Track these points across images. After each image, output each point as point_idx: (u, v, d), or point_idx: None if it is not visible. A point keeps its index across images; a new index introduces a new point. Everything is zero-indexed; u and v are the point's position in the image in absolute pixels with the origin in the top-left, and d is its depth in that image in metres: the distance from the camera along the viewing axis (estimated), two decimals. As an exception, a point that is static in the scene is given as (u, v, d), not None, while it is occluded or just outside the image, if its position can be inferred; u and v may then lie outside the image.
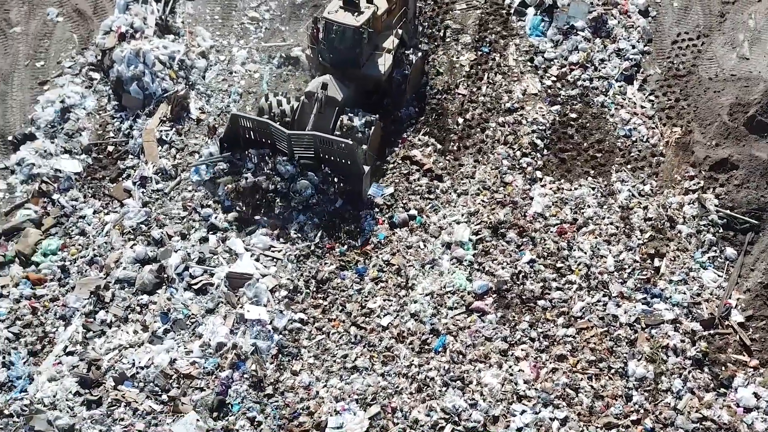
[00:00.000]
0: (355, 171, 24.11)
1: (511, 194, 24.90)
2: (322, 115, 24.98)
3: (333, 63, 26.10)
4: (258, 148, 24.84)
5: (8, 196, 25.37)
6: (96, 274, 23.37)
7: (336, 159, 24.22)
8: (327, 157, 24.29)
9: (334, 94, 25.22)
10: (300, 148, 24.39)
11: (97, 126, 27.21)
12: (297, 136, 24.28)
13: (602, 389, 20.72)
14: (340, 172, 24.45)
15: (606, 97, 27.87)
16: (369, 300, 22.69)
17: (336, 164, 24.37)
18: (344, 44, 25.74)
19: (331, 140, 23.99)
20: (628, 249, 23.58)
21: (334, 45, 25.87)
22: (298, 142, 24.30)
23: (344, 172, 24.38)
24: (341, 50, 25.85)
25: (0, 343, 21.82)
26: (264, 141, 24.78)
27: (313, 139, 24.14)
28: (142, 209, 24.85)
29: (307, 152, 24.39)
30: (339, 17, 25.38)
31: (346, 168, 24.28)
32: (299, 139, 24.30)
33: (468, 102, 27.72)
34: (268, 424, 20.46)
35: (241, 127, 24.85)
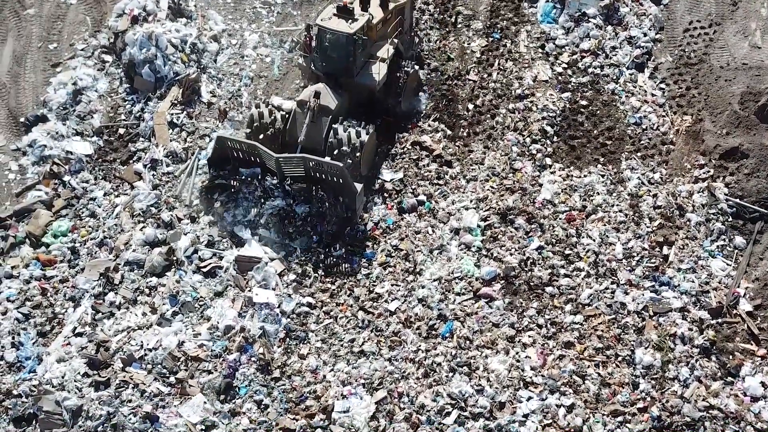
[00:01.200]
0: (348, 190, 23.05)
1: (520, 181, 24.49)
2: (315, 124, 23.88)
3: (326, 71, 24.95)
4: (248, 167, 23.85)
5: (19, 177, 25.15)
6: (106, 255, 23.11)
7: (327, 178, 23.09)
8: (318, 176, 23.18)
9: (328, 102, 24.12)
10: (289, 168, 23.31)
11: (108, 108, 26.93)
12: (285, 159, 23.14)
13: (609, 377, 20.34)
14: (332, 190, 23.35)
15: (617, 85, 27.38)
16: (377, 285, 22.35)
17: (327, 183, 23.26)
18: (337, 52, 24.58)
19: (321, 162, 22.84)
20: (637, 237, 23.14)
21: (327, 53, 24.75)
22: (287, 163, 23.24)
23: (336, 191, 23.32)
24: (334, 58, 24.72)
25: (9, 324, 21.60)
26: (253, 160, 23.76)
27: (302, 161, 22.97)
28: (153, 192, 24.58)
29: (297, 171, 23.28)
30: (332, 24, 24.20)
31: (338, 187, 23.19)
32: (288, 160, 23.20)
33: (478, 88, 27.28)
34: (275, 407, 20.18)
35: (228, 149, 23.80)
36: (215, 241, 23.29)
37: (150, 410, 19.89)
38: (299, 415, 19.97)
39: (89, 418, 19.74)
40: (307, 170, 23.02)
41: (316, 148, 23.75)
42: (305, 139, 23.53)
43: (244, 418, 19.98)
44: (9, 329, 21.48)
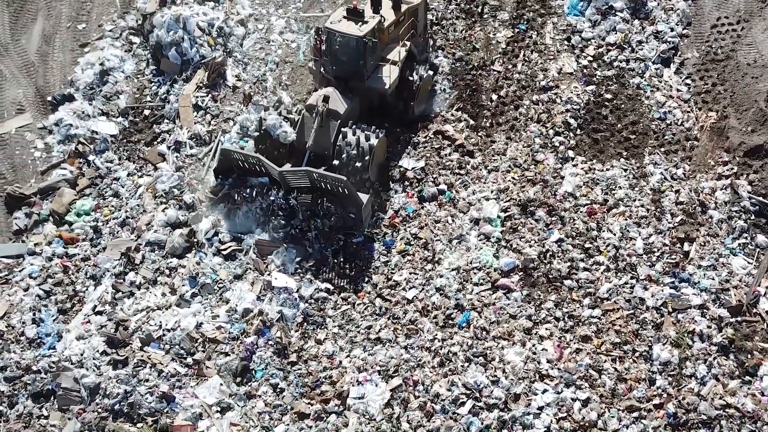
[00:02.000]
0: (353, 202, 22.25)
1: (542, 172, 24.06)
2: (323, 128, 23.17)
3: (336, 75, 24.16)
4: (254, 177, 23.13)
5: (45, 155, 25.10)
6: (127, 235, 23.01)
7: (333, 189, 22.25)
8: (323, 187, 22.35)
9: (336, 106, 23.37)
10: (294, 180, 22.45)
11: (134, 89, 26.80)
12: (290, 172, 22.35)
13: (626, 372, 19.93)
14: (339, 202, 22.51)
15: (642, 79, 26.83)
16: (395, 272, 22.07)
17: (333, 194, 22.44)
18: (347, 55, 23.79)
19: (326, 176, 21.95)
20: (658, 232, 22.66)
21: (337, 56, 23.96)
22: (292, 176, 22.41)
23: (342, 203, 22.49)
24: (344, 62, 23.92)
25: (31, 300, 21.56)
26: (258, 170, 22.99)
27: (306, 174, 22.09)
28: (176, 173, 24.46)
29: (302, 183, 22.46)
30: (342, 27, 23.43)
31: (343, 199, 22.36)
32: (293, 173, 22.39)
33: (503, 79, 26.83)
34: (291, 392, 19.99)
35: (233, 160, 23.10)
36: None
37: (166, 390, 19.79)
38: (314, 399, 19.77)
39: (106, 396, 19.66)
40: (312, 182, 22.26)
41: (324, 153, 23.19)
42: (313, 143, 22.88)
43: (260, 401, 19.81)
44: (30, 305, 21.46)
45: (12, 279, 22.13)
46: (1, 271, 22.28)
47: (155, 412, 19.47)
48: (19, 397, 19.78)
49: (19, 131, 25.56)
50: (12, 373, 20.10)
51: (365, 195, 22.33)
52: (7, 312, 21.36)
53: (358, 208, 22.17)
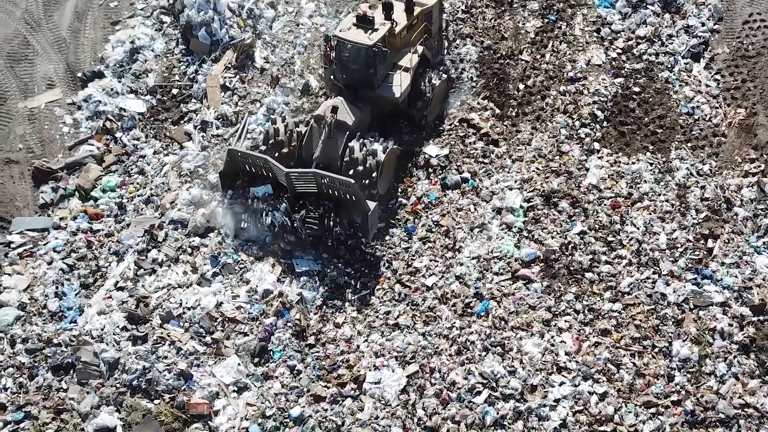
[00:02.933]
0: (360, 209, 21.30)
1: (566, 164, 23.49)
2: (331, 140, 22.11)
3: (346, 83, 23.20)
4: (260, 180, 22.21)
5: (73, 131, 24.92)
6: (151, 213, 22.77)
7: (339, 195, 21.36)
8: (330, 192, 21.46)
9: (345, 117, 22.32)
10: (301, 184, 21.57)
11: (163, 68, 26.53)
12: (297, 174, 21.46)
13: (644, 367, 19.38)
14: (344, 208, 21.63)
15: (671, 73, 26.17)
16: (415, 259, 21.64)
17: (340, 201, 21.50)
18: (357, 64, 22.76)
19: (333, 178, 21.08)
20: (682, 228, 22.05)
21: (347, 65, 22.98)
22: (299, 179, 21.55)
23: (349, 209, 21.58)
24: (354, 70, 22.93)
25: (54, 274, 21.36)
26: (265, 174, 22.12)
27: (313, 176, 21.26)
28: (201, 153, 24.18)
29: (309, 187, 21.56)
30: (351, 35, 22.36)
31: (350, 205, 21.39)
32: (300, 175, 21.49)
33: (530, 69, 26.26)
34: (308, 374, 19.65)
35: (239, 162, 22.23)
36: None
37: (185, 368, 19.51)
38: (331, 383, 19.42)
39: (125, 372, 19.39)
40: (319, 186, 21.36)
41: (332, 165, 22.01)
42: (320, 155, 21.83)
43: (276, 383, 19.50)
44: (53, 279, 21.25)
45: (36, 252, 21.92)
46: (27, 244, 22.07)
47: (172, 390, 19.18)
48: (39, 369, 19.57)
49: (49, 106, 25.38)
50: (33, 345, 19.90)
51: (372, 202, 21.29)
52: (31, 285, 21.18)
53: (364, 215, 21.17)
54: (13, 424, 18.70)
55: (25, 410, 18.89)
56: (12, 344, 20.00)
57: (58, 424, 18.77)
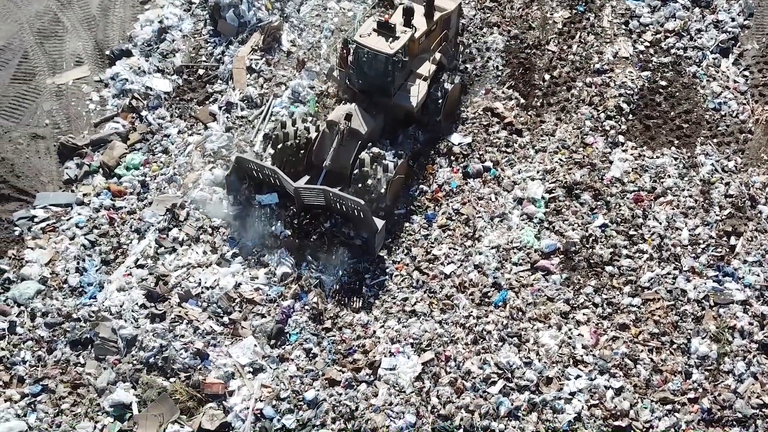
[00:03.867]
0: (368, 227, 20.57)
1: (590, 156, 22.87)
2: (343, 147, 21.22)
3: (362, 89, 22.34)
4: (267, 188, 21.50)
5: (99, 108, 24.65)
6: (174, 192, 22.46)
7: (348, 212, 20.64)
8: (338, 207, 20.74)
9: (358, 126, 21.40)
10: (309, 197, 20.87)
11: (190, 48, 26.16)
12: (305, 188, 20.70)
13: (662, 363, 18.85)
14: (352, 222, 20.96)
15: (699, 68, 25.39)
16: (435, 247, 21.17)
17: (347, 215, 20.84)
18: (375, 71, 21.88)
19: (342, 197, 20.27)
20: (705, 224, 21.41)
21: (364, 71, 22.06)
22: (307, 193, 20.80)
23: (356, 225, 20.91)
24: (372, 77, 22.05)
25: (76, 249, 21.13)
26: (272, 182, 21.29)
27: (322, 192, 20.48)
28: (225, 134, 23.80)
29: (316, 201, 20.88)
30: (371, 42, 21.41)
31: (358, 222, 20.71)
32: (308, 190, 20.76)
33: (557, 59, 25.59)
34: (323, 357, 19.31)
35: (247, 170, 21.40)
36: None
37: (201, 347, 19.24)
38: (346, 367, 19.07)
39: (142, 349, 19.16)
40: (327, 201, 20.67)
41: (342, 173, 21.32)
42: (331, 162, 20.99)
43: (292, 365, 19.16)
44: (75, 254, 21.04)
45: (59, 227, 21.70)
46: (50, 219, 21.84)
47: (188, 368, 18.92)
48: (58, 344, 19.39)
49: (77, 83, 25.11)
50: (53, 320, 19.71)
51: (380, 221, 20.51)
52: (52, 259, 20.96)
53: (372, 233, 20.50)
54: (31, 397, 18.57)
55: (42, 383, 18.79)
56: (32, 318, 19.83)
57: (74, 398, 18.65)
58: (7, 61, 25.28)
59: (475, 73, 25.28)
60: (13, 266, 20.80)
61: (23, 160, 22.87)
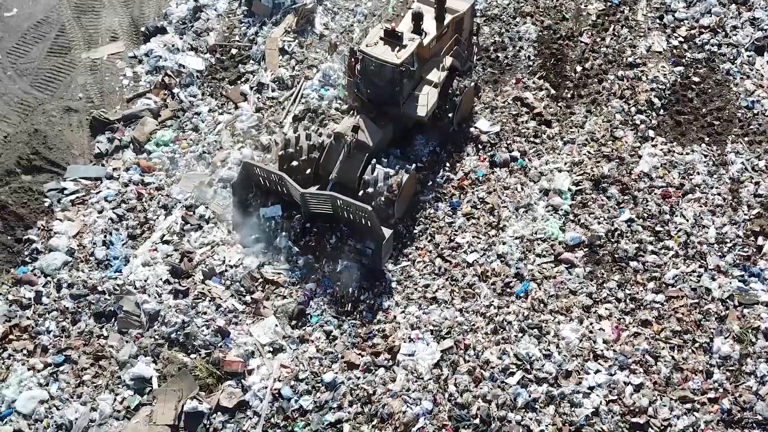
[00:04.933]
0: (375, 236, 19.68)
1: (619, 150, 22.19)
2: (350, 160, 20.31)
3: (370, 98, 21.23)
4: (270, 200, 20.83)
5: (133, 84, 24.39)
6: (202, 169, 22.14)
7: (355, 219, 19.82)
8: (345, 216, 19.93)
9: (365, 139, 20.43)
10: (315, 204, 20.08)
11: (224, 28, 25.78)
12: (312, 194, 19.89)
13: (683, 361, 18.25)
14: (359, 232, 20.21)
15: (733, 66, 24.51)
16: (458, 234, 20.64)
17: (354, 224, 20.11)
18: (383, 81, 20.67)
19: (350, 203, 19.43)
20: (733, 223, 20.68)
21: (372, 80, 20.90)
22: (314, 199, 20.03)
23: (363, 234, 20.11)
24: (379, 87, 20.88)
25: (104, 223, 20.89)
26: (279, 189, 20.51)
27: (329, 198, 19.67)
28: (255, 114, 23.42)
29: (323, 208, 20.10)
30: (378, 52, 20.26)
31: (365, 230, 19.86)
32: (315, 196, 19.95)
33: (589, 51, 24.85)
34: (343, 340, 18.97)
35: (254, 176, 20.62)
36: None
37: (222, 325, 18.95)
38: (365, 351, 18.70)
39: (165, 324, 18.94)
40: (334, 209, 19.83)
41: (349, 185, 20.37)
42: (338, 175, 20.12)
43: (312, 346, 18.83)
44: (102, 228, 20.80)
45: (88, 200, 21.46)
46: (79, 191, 21.62)
47: (209, 345, 18.65)
48: (82, 315, 19.19)
49: (111, 58, 24.88)
50: (78, 291, 19.51)
51: (388, 230, 19.67)
52: (80, 232, 20.75)
53: (379, 242, 19.60)
54: (53, 367, 18.39)
55: (65, 354, 18.59)
56: (58, 288, 19.64)
57: (96, 369, 18.42)
58: (44, 35, 25.13)
59: (507, 62, 24.61)
60: (42, 237, 20.64)
61: (56, 133, 22.66)
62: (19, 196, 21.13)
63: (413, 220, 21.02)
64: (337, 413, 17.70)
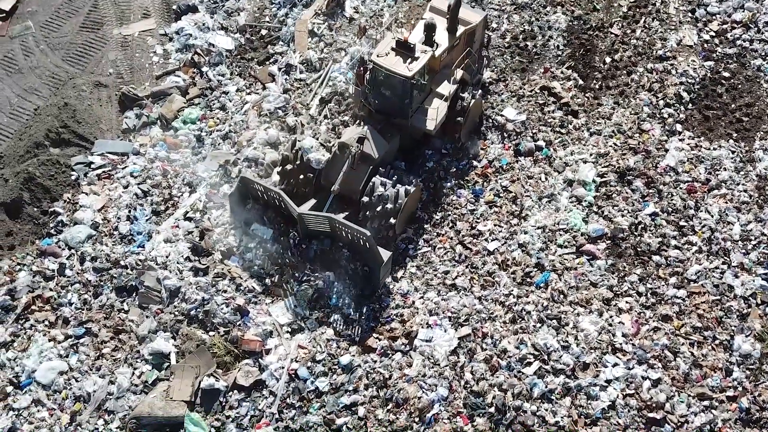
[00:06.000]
0: (373, 259, 18.67)
1: (645, 142, 21.54)
2: (354, 171, 19.38)
3: (378, 109, 20.18)
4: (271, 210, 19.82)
5: (162, 61, 24.05)
6: (228, 148, 21.78)
7: (353, 240, 18.90)
8: (344, 236, 19.00)
9: (371, 151, 19.49)
10: (313, 224, 19.13)
11: (255, 9, 25.37)
12: (310, 215, 18.90)
13: (702, 358, 17.69)
14: (357, 252, 19.16)
15: (764, 62, 23.68)
16: (480, 222, 20.14)
17: (353, 245, 19.11)
18: (393, 93, 19.71)
19: (348, 226, 18.50)
20: (758, 220, 20.00)
21: (381, 91, 19.90)
22: (312, 219, 19.05)
23: (362, 255, 19.09)
24: (388, 98, 19.89)
25: (129, 198, 20.62)
26: (277, 204, 19.56)
27: (328, 220, 18.79)
28: (282, 95, 22.99)
29: (321, 228, 19.17)
30: (389, 63, 19.21)
31: (363, 252, 18.90)
32: (313, 217, 18.94)
33: (619, 43, 24.11)
34: (361, 324, 18.56)
35: (252, 189, 19.67)
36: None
37: (242, 304, 18.68)
38: (383, 335, 18.32)
39: (184, 300, 18.68)
40: (332, 228, 19.00)
41: (352, 197, 19.55)
42: (341, 186, 19.18)
43: (330, 329, 18.48)
44: (127, 203, 20.54)
45: (114, 175, 21.21)
46: (106, 166, 21.37)
47: (228, 323, 18.36)
48: (104, 289, 18.96)
49: (142, 35, 24.55)
50: (101, 265, 19.29)
51: (386, 252, 18.57)
52: (105, 206, 20.51)
53: (377, 265, 18.61)
54: (74, 339, 18.20)
55: (86, 326, 18.39)
56: (81, 261, 19.41)
57: (115, 343, 18.19)
58: (77, 9, 24.85)
59: (535, 51, 23.96)
60: (68, 210, 20.42)
61: (85, 107, 22.41)
62: (47, 168, 20.89)
63: (435, 206, 20.54)
64: (353, 396, 17.37)
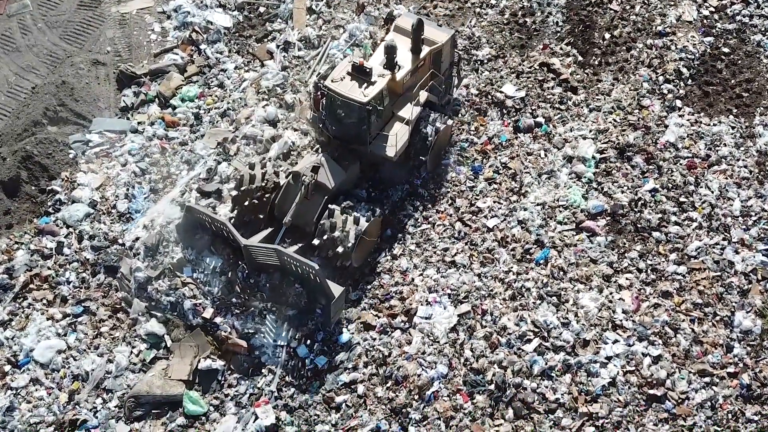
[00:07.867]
0: (324, 294, 17.00)
1: (645, 118, 20.77)
2: (308, 202, 17.89)
3: (335, 135, 18.69)
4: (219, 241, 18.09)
5: (160, 39, 23.24)
6: (226, 126, 21.03)
7: (303, 274, 17.17)
8: (293, 269, 17.30)
9: (325, 180, 18.02)
10: (261, 257, 17.44)
11: (253, -14, 24.43)
12: (256, 248, 17.31)
13: (703, 335, 17.03)
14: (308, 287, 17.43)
15: (764, 37, 22.88)
16: (479, 199, 19.42)
17: (303, 279, 17.35)
18: (349, 119, 18.19)
19: (296, 259, 16.89)
20: (759, 196, 19.29)
21: (337, 117, 18.43)
22: (259, 252, 17.40)
23: (312, 290, 17.39)
24: (345, 125, 18.38)
25: (127, 176, 19.91)
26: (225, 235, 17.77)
27: (275, 253, 17.09)
28: (281, 72, 22.17)
29: (269, 261, 17.49)
30: (344, 88, 17.77)
31: (314, 287, 17.20)
32: (259, 249, 17.33)
33: (618, 18, 23.27)
34: (361, 302, 17.88)
35: (198, 219, 18.00)
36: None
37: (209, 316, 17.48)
38: (382, 312, 17.68)
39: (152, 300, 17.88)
40: (281, 262, 17.27)
41: (305, 229, 18.05)
42: (293, 218, 17.63)
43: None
44: (125, 181, 19.82)
45: (112, 153, 20.46)
46: (104, 144, 20.62)
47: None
48: (102, 267, 18.26)
49: (140, 13, 23.73)
50: (99, 243, 18.58)
51: (338, 288, 17.00)
52: (103, 184, 19.79)
53: (328, 301, 16.94)
54: (72, 317, 17.58)
55: (84, 305, 17.75)
56: (79, 240, 18.75)
57: (114, 322, 17.58)
58: (74, -12, 23.99)
59: (534, 27, 23.14)
60: (66, 188, 19.70)
61: (83, 85, 21.62)
62: (45, 146, 20.15)
63: (435, 183, 19.82)
64: (352, 374, 16.76)
